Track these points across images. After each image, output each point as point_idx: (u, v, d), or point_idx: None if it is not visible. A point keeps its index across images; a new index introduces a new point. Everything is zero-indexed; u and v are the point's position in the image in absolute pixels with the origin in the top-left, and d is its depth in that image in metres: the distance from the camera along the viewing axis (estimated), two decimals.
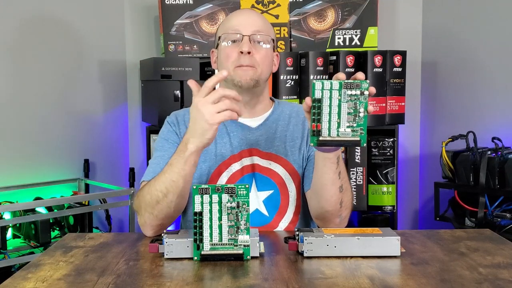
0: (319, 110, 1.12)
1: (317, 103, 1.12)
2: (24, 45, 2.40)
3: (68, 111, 2.54)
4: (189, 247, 1.12)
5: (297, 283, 0.99)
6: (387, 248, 1.13)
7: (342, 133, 1.13)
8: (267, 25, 1.50)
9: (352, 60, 2.34)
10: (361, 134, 1.13)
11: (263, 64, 1.45)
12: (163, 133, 1.51)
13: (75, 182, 2.55)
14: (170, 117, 1.54)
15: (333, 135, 1.13)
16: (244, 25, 1.45)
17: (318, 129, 1.13)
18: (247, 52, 1.42)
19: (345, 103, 1.13)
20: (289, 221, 1.47)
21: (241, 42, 1.43)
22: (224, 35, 1.46)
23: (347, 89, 1.13)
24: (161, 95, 2.33)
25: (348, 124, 1.13)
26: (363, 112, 1.13)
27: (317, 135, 1.13)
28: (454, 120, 2.60)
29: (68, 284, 1.00)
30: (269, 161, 1.47)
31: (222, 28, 1.49)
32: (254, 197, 1.45)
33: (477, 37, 2.49)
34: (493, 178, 2.07)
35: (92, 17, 2.60)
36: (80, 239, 1.30)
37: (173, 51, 2.49)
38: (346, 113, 1.13)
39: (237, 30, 1.44)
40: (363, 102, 1.13)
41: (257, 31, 1.45)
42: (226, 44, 1.45)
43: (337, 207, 1.36)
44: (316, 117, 1.13)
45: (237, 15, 1.51)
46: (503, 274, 1.03)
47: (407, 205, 2.81)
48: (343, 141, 1.14)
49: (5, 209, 2.07)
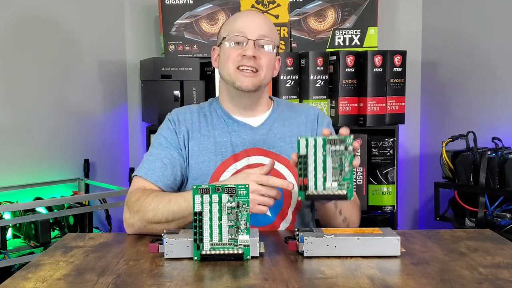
0: (305, 165, 1.16)
1: (303, 159, 1.16)
2: (24, 45, 2.40)
3: (68, 111, 2.54)
4: (189, 247, 1.12)
5: (297, 283, 0.99)
6: (387, 248, 1.13)
7: (329, 188, 1.17)
8: (272, 30, 1.50)
9: (352, 60, 2.34)
10: (348, 188, 1.16)
11: (266, 69, 1.46)
12: (163, 129, 1.51)
13: (75, 182, 2.55)
14: (171, 115, 1.54)
15: (319, 190, 1.17)
16: (250, 28, 1.45)
17: (305, 184, 1.16)
18: (252, 57, 1.42)
19: (330, 158, 1.16)
20: (291, 221, 1.48)
21: (246, 45, 1.43)
22: (229, 36, 1.46)
23: (332, 145, 1.16)
24: (161, 95, 2.33)
25: (334, 179, 1.16)
26: (348, 166, 1.16)
27: (304, 189, 1.17)
28: (454, 120, 2.60)
29: (68, 284, 1.00)
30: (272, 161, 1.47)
31: (227, 28, 1.49)
32: None
33: (477, 37, 2.49)
34: (493, 178, 2.07)
35: (92, 17, 2.60)
36: (80, 239, 1.30)
37: (173, 51, 2.49)
38: (332, 168, 1.16)
39: (243, 33, 1.44)
40: (348, 156, 1.16)
41: (263, 35, 1.45)
42: (230, 45, 1.46)
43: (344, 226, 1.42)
44: (302, 172, 1.16)
45: (244, 16, 1.51)
46: (503, 274, 1.03)
47: (407, 205, 2.81)
48: (329, 195, 1.17)
49: (5, 209, 2.07)
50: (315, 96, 2.34)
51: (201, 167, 1.46)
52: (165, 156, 1.45)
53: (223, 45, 1.48)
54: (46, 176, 2.46)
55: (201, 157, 1.46)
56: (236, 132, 1.49)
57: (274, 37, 1.49)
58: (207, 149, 1.47)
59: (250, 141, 1.48)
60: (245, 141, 1.48)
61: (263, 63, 1.44)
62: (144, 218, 1.33)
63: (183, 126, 1.49)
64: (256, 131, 1.50)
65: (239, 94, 1.47)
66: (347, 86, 2.35)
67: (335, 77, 2.36)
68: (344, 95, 2.35)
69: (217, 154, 1.46)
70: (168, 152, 1.46)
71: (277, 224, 1.46)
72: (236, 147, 1.47)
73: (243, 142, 1.48)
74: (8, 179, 2.34)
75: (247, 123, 1.50)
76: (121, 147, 2.74)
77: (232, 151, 1.47)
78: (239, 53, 1.43)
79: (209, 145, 1.47)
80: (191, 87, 2.35)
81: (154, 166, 1.44)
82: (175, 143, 1.48)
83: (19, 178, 2.37)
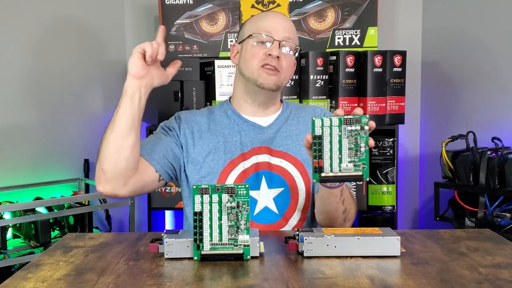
0: (320, 147, 1.14)
1: (318, 140, 1.14)
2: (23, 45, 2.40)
3: (68, 111, 2.54)
4: (189, 247, 1.12)
5: (297, 283, 0.99)
6: (387, 248, 1.13)
7: (344, 169, 1.14)
8: (295, 33, 1.53)
9: (352, 60, 2.34)
10: (364, 169, 1.15)
11: (286, 71, 1.48)
12: (166, 122, 1.54)
13: (75, 182, 2.55)
14: (179, 113, 1.56)
15: (335, 171, 1.15)
16: (277, 29, 1.47)
17: (320, 165, 1.14)
18: (276, 56, 1.44)
19: (345, 139, 1.14)
20: (298, 219, 1.48)
21: (271, 45, 1.45)
22: (255, 35, 1.47)
23: (347, 125, 1.14)
24: (161, 95, 2.33)
25: (350, 159, 1.14)
26: (364, 146, 1.14)
27: (319, 171, 1.14)
28: (454, 120, 2.60)
29: (68, 284, 1.00)
30: (280, 159, 1.48)
31: (253, 26, 1.50)
32: (264, 195, 1.46)
33: (477, 37, 2.49)
34: (493, 178, 2.07)
35: (92, 17, 2.60)
36: (80, 239, 1.30)
37: (173, 51, 2.49)
38: (347, 148, 1.14)
39: (269, 33, 1.46)
40: (364, 136, 1.14)
41: (288, 37, 1.47)
42: (255, 43, 1.47)
43: (341, 222, 1.42)
44: (317, 153, 1.14)
45: (271, 17, 1.53)
46: (503, 274, 1.03)
47: (407, 205, 2.81)
48: (345, 176, 1.15)
49: (5, 209, 2.07)
50: (315, 96, 2.34)
51: (211, 165, 1.47)
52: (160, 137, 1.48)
53: (247, 42, 1.49)
54: (46, 176, 2.46)
55: (210, 156, 1.47)
56: (245, 131, 1.50)
57: (296, 40, 1.52)
58: (216, 148, 1.48)
59: (258, 140, 1.49)
60: (254, 140, 1.49)
61: (284, 65, 1.46)
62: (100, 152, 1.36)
63: (189, 125, 1.51)
64: (265, 130, 1.51)
65: (257, 92, 1.48)
66: (347, 86, 2.35)
67: (335, 77, 2.36)
68: (344, 95, 2.35)
69: (227, 153, 1.48)
70: (166, 140, 1.48)
71: (284, 222, 1.47)
72: (245, 146, 1.48)
73: (252, 141, 1.49)
74: (8, 179, 2.34)
75: (256, 123, 1.52)
76: None
77: (241, 150, 1.48)
78: (264, 52, 1.45)
79: (219, 144, 1.49)
80: (191, 87, 2.35)
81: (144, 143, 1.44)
82: (174, 134, 1.50)
83: (19, 178, 2.37)
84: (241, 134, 1.50)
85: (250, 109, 1.53)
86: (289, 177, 1.48)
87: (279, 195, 1.47)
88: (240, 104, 1.54)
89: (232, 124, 1.51)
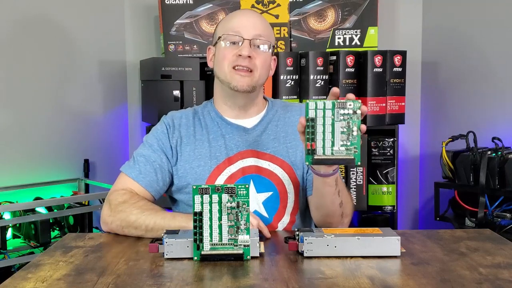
0: (313, 130, 1.15)
1: (311, 123, 1.15)
2: (23, 44, 2.40)
3: (68, 111, 2.54)
4: (189, 247, 1.12)
5: (297, 283, 0.99)
6: (387, 248, 1.13)
7: (336, 152, 1.15)
8: (268, 29, 1.49)
9: (352, 60, 2.34)
10: (355, 153, 1.15)
11: (261, 69, 1.44)
12: (157, 131, 1.50)
13: (75, 182, 2.55)
14: (167, 118, 1.53)
15: (327, 154, 1.15)
16: (246, 27, 1.43)
17: (313, 148, 1.15)
18: (247, 56, 1.41)
19: (338, 122, 1.15)
20: (287, 222, 1.47)
21: (241, 45, 1.42)
22: (224, 36, 1.45)
23: (340, 108, 1.15)
24: (161, 95, 2.33)
25: (342, 143, 1.15)
26: (356, 131, 1.15)
27: (312, 153, 1.15)
28: (454, 120, 2.60)
29: (68, 284, 1.00)
30: (269, 162, 1.46)
31: (223, 27, 1.48)
32: (253, 199, 1.43)
33: (477, 37, 2.49)
34: (493, 178, 2.07)
35: (92, 17, 2.60)
36: (80, 239, 1.30)
37: (173, 51, 2.49)
38: (340, 132, 1.15)
39: (238, 32, 1.43)
40: (356, 121, 1.15)
41: (258, 35, 1.44)
42: (225, 44, 1.44)
43: (338, 219, 1.41)
44: (310, 136, 1.15)
45: (239, 16, 1.50)
46: (503, 274, 1.03)
47: (407, 205, 2.81)
48: (337, 159, 1.16)
49: (5, 209, 2.07)
50: (315, 96, 2.34)
51: (197, 171, 1.45)
52: (155, 160, 1.45)
53: (219, 44, 1.47)
54: (46, 176, 2.46)
55: (196, 162, 1.45)
56: (230, 134, 1.48)
57: (269, 37, 1.48)
58: (202, 154, 1.46)
59: (244, 143, 1.47)
60: (239, 143, 1.47)
61: (258, 63, 1.43)
62: (125, 219, 1.32)
63: (177, 132, 1.48)
64: (250, 132, 1.48)
65: (234, 95, 1.46)
66: (347, 86, 2.35)
67: (335, 77, 2.36)
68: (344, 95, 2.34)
69: (212, 159, 1.45)
70: (158, 156, 1.46)
71: (275, 225, 1.46)
72: (230, 150, 1.46)
73: (237, 145, 1.47)
74: (8, 179, 2.34)
75: (240, 125, 1.49)
76: (121, 147, 2.74)
77: (226, 154, 1.46)
78: (234, 53, 1.42)
79: (204, 150, 1.46)
80: (191, 87, 2.35)
81: (145, 170, 1.43)
82: (166, 148, 1.47)
83: (19, 178, 2.37)
84: (225, 137, 1.47)
85: (231, 111, 1.50)
86: (278, 181, 1.46)
87: (268, 199, 1.45)
88: (221, 107, 1.51)
89: (216, 128, 1.49)
